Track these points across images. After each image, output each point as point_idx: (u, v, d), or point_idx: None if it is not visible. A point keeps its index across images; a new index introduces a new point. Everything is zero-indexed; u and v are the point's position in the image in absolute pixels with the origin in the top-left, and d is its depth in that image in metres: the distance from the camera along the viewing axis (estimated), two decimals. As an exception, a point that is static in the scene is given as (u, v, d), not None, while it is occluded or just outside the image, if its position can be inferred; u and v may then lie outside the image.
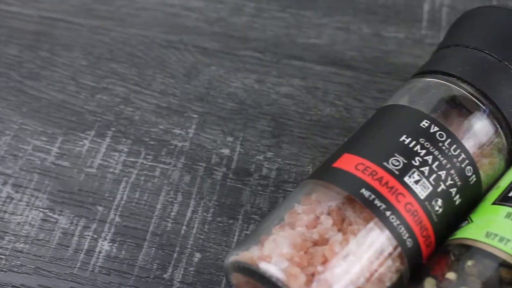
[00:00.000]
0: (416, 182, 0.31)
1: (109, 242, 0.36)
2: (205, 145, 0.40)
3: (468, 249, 0.30)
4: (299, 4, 0.47)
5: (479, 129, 0.33)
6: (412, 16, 0.47)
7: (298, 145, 0.40)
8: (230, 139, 0.41)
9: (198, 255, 0.36)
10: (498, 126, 0.33)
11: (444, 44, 0.37)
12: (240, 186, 0.39)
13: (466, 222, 0.32)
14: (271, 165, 0.40)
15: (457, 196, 0.32)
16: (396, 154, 0.31)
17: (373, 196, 0.30)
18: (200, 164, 0.40)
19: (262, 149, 0.40)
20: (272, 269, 0.29)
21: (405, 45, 0.45)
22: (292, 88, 0.43)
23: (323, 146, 0.40)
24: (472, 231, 0.31)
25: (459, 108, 0.33)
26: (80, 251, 0.36)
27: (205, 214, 0.38)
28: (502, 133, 0.34)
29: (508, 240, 0.30)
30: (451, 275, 0.30)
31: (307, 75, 0.44)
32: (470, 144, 0.33)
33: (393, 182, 0.31)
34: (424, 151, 0.31)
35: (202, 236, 0.37)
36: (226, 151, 0.40)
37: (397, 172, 0.31)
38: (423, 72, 0.35)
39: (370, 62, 0.44)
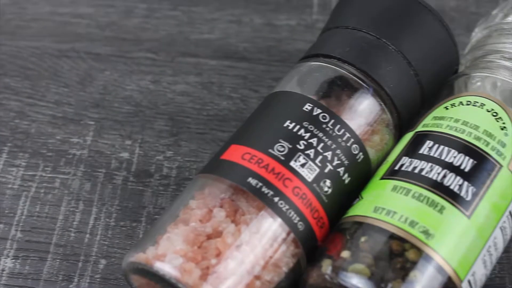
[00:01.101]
0: (302, 165, 0.31)
1: (12, 259, 0.36)
2: (103, 151, 0.40)
3: (360, 226, 0.31)
4: (190, 1, 0.47)
5: (364, 108, 0.34)
6: (303, 2, 0.47)
7: (197, 141, 0.40)
8: (128, 142, 0.40)
9: (103, 261, 0.36)
10: (382, 103, 0.34)
11: (327, 27, 0.37)
12: (141, 188, 0.39)
13: (358, 199, 0.32)
14: (171, 164, 0.39)
15: (346, 175, 0.32)
16: (280, 140, 0.31)
17: (260, 184, 0.30)
18: (100, 170, 0.39)
19: (161, 149, 0.40)
20: (166, 267, 0.29)
21: (297, 32, 0.46)
22: (188, 85, 0.43)
23: (222, 140, 0.40)
24: (362, 208, 0.31)
25: (342, 88, 0.34)
26: (-18, 271, 0.36)
27: (107, 220, 0.37)
28: (386, 110, 0.34)
29: (395, 213, 0.30)
30: (345, 254, 0.30)
31: (202, 70, 0.44)
32: (356, 123, 0.33)
33: (279, 168, 0.31)
34: (308, 134, 0.32)
35: (106, 242, 0.37)
36: (125, 155, 0.40)
37: (282, 158, 0.31)
38: (307, 56, 0.36)
39: (263, 52, 0.45)
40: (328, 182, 0.31)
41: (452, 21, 0.45)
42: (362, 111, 0.34)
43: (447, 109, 0.33)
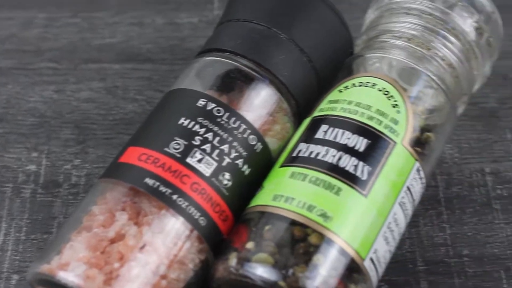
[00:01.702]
0: (199, 161, 0.31)
1: None
2: (9, 165, 0.39)
3: (262, 215, 0.31)
4: (90, 7, 0.47)
5: (261, 98, 0.34)
6: (203, -1, 0.47)
7: (104, 146, 0.40)
8: (35, 154, 0.40)
9: (15, 277, 0.35)
10: (278, 92, 0.34)
11: (220, 21, 0.37)
12: (50, 199, 0.38)
13: (260, 189, 0.32)
14: (79, 172, 0.39)
15: (245, 166, 0.32)
16: (176, 138, 0.31)
17: (157, 184, 0.30)
18: (7, 185, 0.39)
19: (68, 158, 0.40)
20: (69, 276, 0.29)
21: (199, 29, 0.46)
22: (92, 92, 0.43)
23: (129, 143, 0.40)
24: (263, 197, 0.31)
25: (237, 81, 0.34)
26: None
27: (18, 234, 0.37)
28: (283, 98, 0.34)
29: (293, 199, 0.30)
30: (249, 245, 0.30)
31: (106, 75, 0.43)
32: (254, 114, 0.33)
33: (176, 165, 0.31)
34: (203, 130, 0.32)
35: (17, 257, 0.36)
36: (32, 167, 0.39)
37: (178, 155, 0.31)
38: (201, 52, 0.36)
39: (166, 51, 0.45)
40: (227, 175, 0.32)
41: (351, 4, 0.46)
42: (259, 102, 0.34)
43: (341, 92, 0.34)
